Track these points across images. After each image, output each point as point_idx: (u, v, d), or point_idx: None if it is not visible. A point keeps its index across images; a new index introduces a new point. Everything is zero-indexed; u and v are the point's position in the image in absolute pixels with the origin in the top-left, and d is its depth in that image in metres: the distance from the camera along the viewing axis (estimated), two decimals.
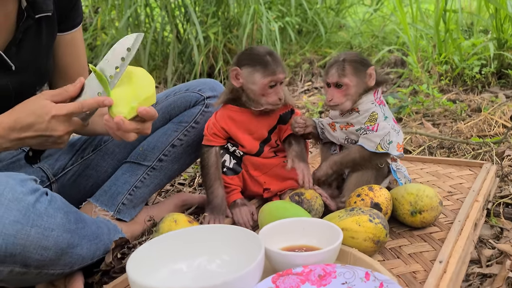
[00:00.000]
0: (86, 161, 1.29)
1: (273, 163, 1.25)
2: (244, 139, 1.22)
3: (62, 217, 0.88)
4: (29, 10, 1.06)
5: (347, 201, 1.11)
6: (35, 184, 0.88)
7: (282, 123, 1.24)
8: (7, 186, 0.82)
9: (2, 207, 0.80)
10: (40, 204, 0.85)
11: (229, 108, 1.22)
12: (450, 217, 1.13)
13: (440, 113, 2.42)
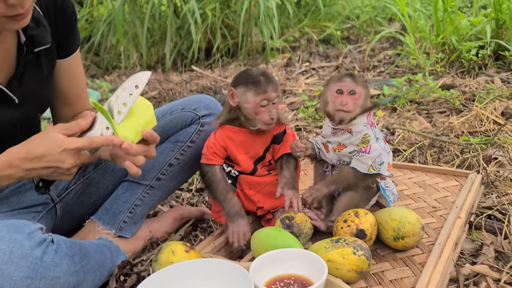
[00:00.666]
0: (88, 180, 1.35)
1: (267, 181, 1.29)
2: (241, 158, 1.27)
3: (68, 263, 0.95)
4: (28, 45, 1.09)
5: (334, 225, 1.17)
6: (41, 234, 0.94)
7: (275, 143, 1.28)
8: (16, 243, 0.89)
9: (13, 265, 0.87)
10: (47, 255, 0.92)
11: (227, 128, 1.26)
12: (432, 237, 1.20)
13: (434, 101, 2.45)
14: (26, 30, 1.08)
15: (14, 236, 0.90)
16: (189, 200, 1.67)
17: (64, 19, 1.17)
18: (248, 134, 1.25)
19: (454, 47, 3.09)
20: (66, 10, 1.17)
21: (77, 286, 0.98)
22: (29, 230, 0.93)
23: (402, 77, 2.95)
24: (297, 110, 2.59)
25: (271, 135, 1.28)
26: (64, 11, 1.16)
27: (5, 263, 0.87)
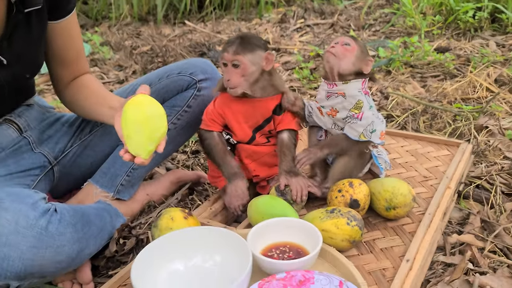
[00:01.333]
0: (85, 142, 1.35)
1: (264, 152, 1.30)
2: (237, 127, 1.26)
3: (71, 231, 0.98)
4: (18, 5, 1.06)
5: (329, 195, 1.21)
6: (44, 204, 0.96)
7: (276, 114, 1.26)
8: (21, 214, 0.91)
9: (19, 235, 0.89)
10: (52, 225, 0.94)
11: (226, 96, 1.25)
12: (422, 207, 1.24)
13: (429, 65, 2.46)
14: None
15: (19, 206, 0.92)
16: (185, 162, 1.69)
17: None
18: (247, 102, 1.24)
19: (451, 8, 3.06)
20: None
21: (80, 252, 1.01)
22: (33, 200, 0.95)
23: (397, 38, 2.93)
24: (291, 70, 2.58)
25: (272, 105, 1.26)
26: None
27: (11, 233, 0.89)
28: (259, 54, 1.20)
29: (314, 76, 2.42)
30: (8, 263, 0.89)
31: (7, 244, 0.88)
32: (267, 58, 1.20)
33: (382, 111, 1.96)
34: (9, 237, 0.89)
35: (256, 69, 1.20)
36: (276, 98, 1.26)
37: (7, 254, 0.89)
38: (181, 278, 0.99)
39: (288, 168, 1.24)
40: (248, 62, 1.18)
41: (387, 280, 1.01)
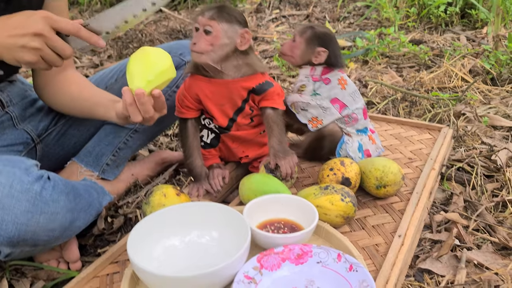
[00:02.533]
0: (69, 121, 1.31)
1: (250, 136, 1.27)
2: (214, 110, 1.21)
3: (65, 199, 0.94)
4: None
5: (320, 173, 1.22)
6: (38, 171, 0.93)
7: (255, 93, 1.20)
8: (15, 177, 0.87)
9: (13, 199, 0.86)
10: (46, 191, 0.91)
11: (197, 78, 1.19)
12: (409, 187, 1.27)
13: (404, 56, 2.51)
14: None
15: (12, 170, 0.88)
16: (168, 145, 1.66)
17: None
18: (220, 84, 1.17)
19: (424, 3, 3.14)
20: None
21: (72, 223, 0.98)
22: (25, 165, 0.91)
23: (371, 30, 2.98)
24: (269, 58, 2.58)
25: (247, 87, 1.18)
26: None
27: (6, 196, 0.86)
28: (235, 28, 1.12)
29: None
30: (1, 227, 0.85)
31: (1, 208, 0.85)
32: (243, 35, 1.13)
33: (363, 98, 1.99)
34: (2, 200, 0.85)
35: (229, 43, 1.12)
36: (252, 78, 1.18)
37: (1, 218, 0.85)
38: (177, 253, 0.97)
39: (277, 148, 1.20)
40: (221, 31, 1.10)
41: (381, 255, 1.03)
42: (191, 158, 1.23)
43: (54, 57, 0.92)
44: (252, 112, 1.24)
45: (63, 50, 0.91)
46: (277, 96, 1.21)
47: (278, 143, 1.20)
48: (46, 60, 0.91)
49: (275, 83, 1.23)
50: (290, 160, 1.22)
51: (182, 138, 1.24)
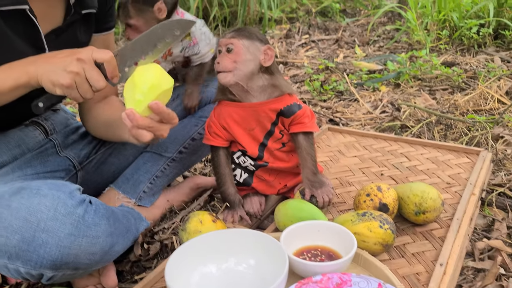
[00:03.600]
0: (109, 150, 1.34)
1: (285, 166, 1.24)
2: (244, 140, 1.20)
3: (105, 223, 0.96)
4: (76, 6, 1.11)
5: (356, 199, 1.20)
6: (80, 194, 0.95)
7: (284, 116, 1.18)
8: (60, 201, 0.90)
9: (57, 222, 0.88)
10: (88, 215, 0.93)
11: (225, 104, 1.19)
12: (449, 213, 1.23)
13: (436, 78, 2.48)
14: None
15: (57, 194, 0.91)
16: (201, 170, 1.68)
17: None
18: (247, 108, 1.17)
19: (455, 24, 3.11)
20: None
21: (112, 248, 0.99)
22: (69, 189, 0.94)
23: (402, 53, 2.97)
24: (300, 83, 2.59)
25: (276, 109, 1.17)
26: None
27: (50, 219, 0.88)
28: (257, 44, 1.13)
29: (324, 88, 2.43)
30: (45, 250, 0.87)
31: (45, 230, 0.87)
32: (266, 52, 1.13)
33: (396, 122, 1.97)
34: (48, 223, 0.88)
35: (252, 59, 1.12)
36: (280, 100, 1.17)
37: (45, 241, 0.87)
38: (214, 281, 0.97)
39: (312, 179, 1.19)
40: (242, 47, 1.11)
41: (422, 285, 1.00)
42: (224, 187, 1.23)
43: (86, 87, 0.93)
44: (283, 136, 1.22)
45: (97, 81, 0.92)
46: (307, 119, 1.19)
47: (312, 174, 1.19)
48: (79, 88, 0.93)
49: (304, 105, 1.21)
50: (326, 189, 1.21)
51: (214, 167, 1.23)
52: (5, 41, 1.01)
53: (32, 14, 1.03)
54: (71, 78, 0.90)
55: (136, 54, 0.96)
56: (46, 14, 1.09)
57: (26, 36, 1.05)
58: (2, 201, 0.94)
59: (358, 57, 3.01)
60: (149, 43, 0.96)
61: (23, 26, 1.04)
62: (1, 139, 1.18)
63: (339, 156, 1.58)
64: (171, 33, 0.95)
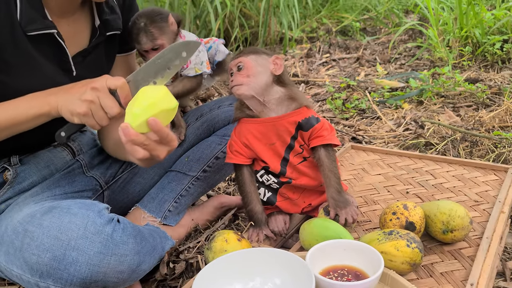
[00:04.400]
0: (135, 169, 1.37)
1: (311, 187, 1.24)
2: (266, 155, 1.20)
3: (133, 242, 0.98)
4: (101, 28, 1.16)
5: (382, 217, 1.19)
6: (108, 213, 0.97)
7: (302, 130, 1.17)
8: (89, 219, 0.92)
9: (87, 240, 0.90)
10: (116, 233, 0.94)
11: (245, 121, 1.20)
12: (478, 231, 1.21)
13: (460, 95, 2.45)
14: (101, 15, 1.15)
15: (87, 213, 0.93)
16: (225, 189, 1.68)
17: (129, 16, 1.23)
18: (266, 123, 1.17)
19: (478, 41, 3.08)
20: (132, 9, 1.24)
21: (139, 266, 1.00)
22: (98, 208, 0.96)
23: (424, 70, 2.95)
24: (322, 102, 2.59)
25: (294, 122, 1.16)
26: (130, 9, 1.24)
27: (80, 237, 0.90)
28: (264, 57, 1.16)
29: (346, 106, 2.43)
30: (75, 268, 0.89)
31: (76, 249, 0.89)
32: (274, 61, 1.15)
33: (420, 139, 1.95)
34: (78, 241, 0.89)
35: (263, 70, 1.14)
36: (297, 112, 1.17)
37: (75, 259, 0.89)
38: None
39: (337, 198, 1.17)
40: (251, 61, 1.14)
41: None
42: (250, 205, 1.23)
43: (102, 114, 0.95)
44: (303, 151, 1.20)
45: (111, 108, 0.95)
46: (326, 131, 1.18)
47: (336, 193, 1.18)
48: (95, 115, 0.95)
49: (323, 119, 1.20)
50: (350, 209, 1.19)
51: (239, 185, 1.24)
52: (34, 65, 1.06)
53: (60, 37, 1.07)
54: (86, 106, 0.94)
55: (148, 78, 0.99)
56: (73, 37, 1.13)
57: (54, 59, 1.09)
58: (34, 220, 0.97)
59: (379, 75, 3.01)
60: (160, 67, 0.98)
61: (51, 49, 1.08)
62: (31, 160, 1.22)
63: (363, 174, 1.57)
64: (179, 55, 0.97)
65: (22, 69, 1.05)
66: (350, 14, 4.46)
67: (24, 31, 1.02)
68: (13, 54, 1.03)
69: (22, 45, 1.03)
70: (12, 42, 1.02)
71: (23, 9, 1.01)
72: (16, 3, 1.01)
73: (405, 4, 4.73)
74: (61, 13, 1.11)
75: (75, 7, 1.13)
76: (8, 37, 1.01)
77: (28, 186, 1.18)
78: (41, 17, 1.04)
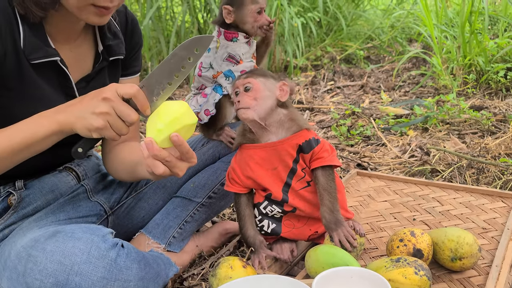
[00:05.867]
0: (140, 194, 1.36)
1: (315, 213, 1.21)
2: (268, 181, 1.18)
3: (137, 267, 0.97)
4: (104, 53, 1.17)
5: (389, 244, 1.17)
6: (113, 238, 0.96)
7: (303, 152, 1.17)
8: (93, 244, 0.91)
9: (91, 265, 0.89)
10: (120, 258, 0.93)
11: (246, 148, 1.19)
12: (487, 259, 1.19)
13: (465, 122, 2.45)
14: (104, 41, 1.16)
15: (91, 237, 0.92)
16: (230, 216, 1.67)
17: (132, 41, 1.24)
18: (267, 148, 1.17)
19: (481, 69, 3.10)
20: (135, 33, 1.25)
21: None
22: (102, 233, 0.95)
23: (429, 97, 2.96)
24: (327, 128, 2.60)
25: (295, 145, 1.16)
26: (132, 34, 1.24)
27: (84, 262, 0.89)
28: (272, 81, 1.17)
29: (351, 133, 2.43)
30: None
31: (79, 273, 0.88)
32: (281, 88, 1.16)
33: (426, 166, 1.94)
34: (81, 266, 0.88)
35: (270, 95, 1.15)
36: (298, 135, 1.17)
37: (78, 284, 0.88)
38: None
39: (328, 219, 1.15)
40: (260, 84, 1.14)
41: None
42: (243, 229, 1.22)
43: (120, 124, 0.95)
44: (305, 175, 1.19)
45: (128, 115, 0.94)
46: (326, 153, 1.17)
47: (329, 212, 1.16)
48: (113, 126, 0.95)
49: (323, 140, 1.20)
50: (343, 230, 1.16)
51: (237, 212, 1.23)
52: (38, 91, 1.06)
53: (63, 64, 1.09)
54: (103, 119, 0.93)
55: (163, 80, 0.97)
56: (76, 62, 1.15)
57: (57, 85, 1.10)
58: (37, 244, 0.96)
59: (384, 102, 3.02)
60: (173, 67, 0.97)
61: (55, 75, 1.09)
62: (36, 185, 1.22)
63: (369, 200, 1.56)
64: (192, 52, 0.96)
65: (26, 96, 1.05)
66: (354, 43, 4.50)
67: (28, 59, 1.03)
68: (17, 82, 1.04)
69: (26, 73, 1.04)
70: (17, 70, 1.03)
71: (26, 37, 1.03)
72: (20, 31, 1.03)
73: (408, 33, 4.79)
74: (63, 39, 1.12)
75: (78, 33, 1.15)
76: (13, 65, 1.02)
77: (32, 211, 1.18)
78: (44, 45, 1.05)
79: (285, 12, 3.90)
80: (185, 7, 4.24)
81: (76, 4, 0.99)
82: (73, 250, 0.91)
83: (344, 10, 4.58)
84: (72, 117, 0.96)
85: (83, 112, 0.95)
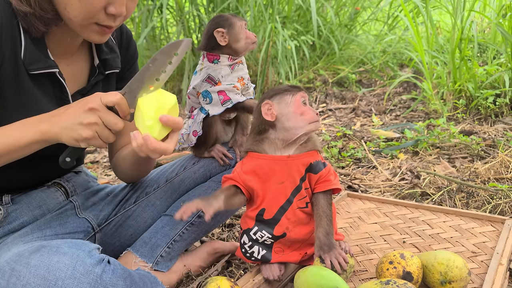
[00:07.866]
0: (128, 212, 1.34)
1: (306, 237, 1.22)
2: (270, 194, 1.17)
3: (122, 284, 0.95)
4: (100, 67, 1.19)
5: (379, 266, 1.16)
6: (99, 254, 0.95)
7: (312, 172, 1.18)
8: (79, 259, 0.89)
9: (75, 281, 0.87)
10: (106, 274, 0.92)
11: (256, 156, 1.18)
12: (476, 283, 1.18)
13: (455, 147, 2.47)
14: (100, 55, 1.18)
15: (77, 252, 0.91)
16: (219, 235, 1.65)
17: (127, 54, 1.25)
18: (278, 161, 1.16)
19: (471, 94, 3.14)
20: (130, 47, 1.26)
21: None
22: (89, 248, 0.94)
23: (419, 121, 2.99)
24: None
25: (306, 163, 1.17)
26: (128, 47, 1.25)
27: (68, 278, 0.87)
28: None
29: (343, 155, 2.44)
30: None
31: None
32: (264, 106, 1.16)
33: (416, 189, 1.95)
34: (65, 282, 0.87)
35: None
36: (310, 154, 1.18)
37: None
38: None
39: (323, 241, 1.16)
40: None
41: None
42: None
43: (107, 132, 0.98)
44: (306, 196, 1.20)
45: (115, 124, 0.97)
46: (332, 176, 1.20)
47: (324, 234, 1.16)
48: (101, 136, 0.97)
49: (329, 164, 1.22)
50: (334, 252, 1.16)
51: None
52: (34, 102, 1.07)
53: (62, 76, 1.09)
54: (91, 129, 0.95)
55: (144, 85, 1.00)
56: (73, 75, 1.16)
57: (53, 97, 1.11)
58: (21, 259, 0.94)
59: (375, 125, 3.04)
60: (154, 72, 1.00)
61: (51, 88, 1.10)
62: (23, 200, 1.20)
63: (359, 222, 1.56)
64: (171, 56, 0.99)
65: (21, 106, 1.06)
66: (346, 67, 4.55)
67: (27, 69, 1.04)
68: (13, 91, 1.04)
69: (23, 82, 1.05)
70: (14, 79, 1.03)
71: (28, 48, 1.04)
72: (21, 42, 1.03)
73: (399, 58, 4.86)
74: (61, 53, 1.13)
75: (75, 48, 1.16)
76: (11, 75, 1.03)
77: (19, 226, 1.16)
78: (44, 57, 1.06)
79: (279, 35, 3.95)
80: (180, 27, 4.28)
81: (80, 22, 1.01)
82: (57, 265, 0.90)
83: (337, 35, 4.63)
84: (56, 128, 0.97)
85: (69, 123, 0.96)
